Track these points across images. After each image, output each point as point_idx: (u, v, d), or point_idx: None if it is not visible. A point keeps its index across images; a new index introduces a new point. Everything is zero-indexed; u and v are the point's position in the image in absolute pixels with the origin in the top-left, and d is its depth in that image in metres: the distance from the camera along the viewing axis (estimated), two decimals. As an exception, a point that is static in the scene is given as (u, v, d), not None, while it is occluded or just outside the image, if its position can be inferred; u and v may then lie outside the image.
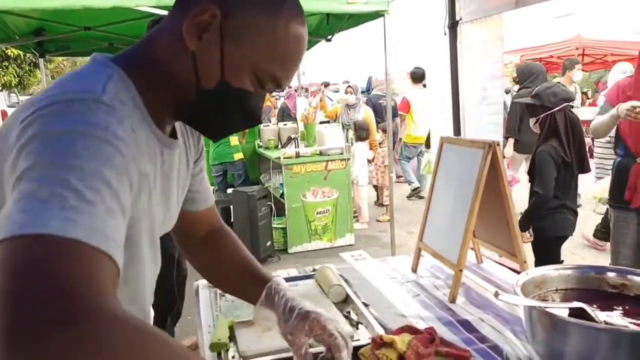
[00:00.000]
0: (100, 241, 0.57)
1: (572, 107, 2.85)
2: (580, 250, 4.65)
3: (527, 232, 2.83)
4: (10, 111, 15.74)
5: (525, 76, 5.56)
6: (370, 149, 6.45)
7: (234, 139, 5.85)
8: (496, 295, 1.07)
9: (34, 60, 10.72)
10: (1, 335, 0.46)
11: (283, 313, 1.00)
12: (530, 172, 2.91)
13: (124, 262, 0.67)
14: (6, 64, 11.17)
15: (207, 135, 0.92)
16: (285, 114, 9.10)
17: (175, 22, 0.79)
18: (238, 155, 5.88)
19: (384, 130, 6.44)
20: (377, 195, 6.94)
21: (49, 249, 0.53)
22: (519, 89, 5.33)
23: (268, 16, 0.78)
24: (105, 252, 0.57)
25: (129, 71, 0.78)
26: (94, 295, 0.52)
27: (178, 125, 0.95)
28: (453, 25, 3.27)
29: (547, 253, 2.82)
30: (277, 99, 14.50)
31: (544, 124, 2.83)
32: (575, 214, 2.87)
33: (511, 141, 5.06)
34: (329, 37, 5.41)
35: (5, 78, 11.22)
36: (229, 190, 5.79)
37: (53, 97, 0.68)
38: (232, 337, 1.35)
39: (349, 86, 7.14)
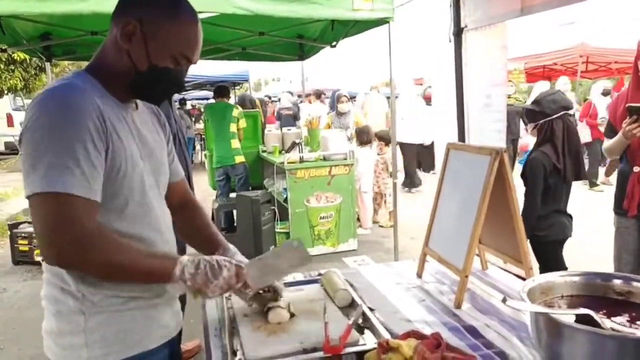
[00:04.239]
0: (80, 191, 1.09)
1: (570, 115, 2.86)
2: (583, 258, 4.64)
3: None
4: (15, 114, 15.78)
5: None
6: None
7: (234, 142, 5.78)
8: (504, 300, 1.08)
9: (39, 64, 10.76)
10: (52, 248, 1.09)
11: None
12: (523, 176, 2.93)
13: (119, 182, 1.20)
14: (12, 67, 11.21)
15: (149, 101, 1.35)
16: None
17: (113, 34, 1.22)
18: (239, 159, 5.81)
19: (380, 138, 6.49)
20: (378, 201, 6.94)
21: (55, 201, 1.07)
22: None
23: (172, 19, 1.21)
24: (77, 195, 1.08)
25: (93, 72, 1.24)
26: (85, 222, 1.09)
27: (149, 114, 1.41)
28: (458, 32, 3.29)
29: (550, 257, 2.83)
30: (274, 102, 14.58)
31: (541, 130, 2.84)
32: (570, 217, 2.89)
33: None
34: (334, 43, 5.43)
35: (11, 81, 11.25)
36: (233, 195, 5.79)
37: (49, 86, 1.19)
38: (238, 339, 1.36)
39: (344, 95, 7.23)
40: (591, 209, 6.23)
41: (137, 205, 1.25)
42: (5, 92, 12.13)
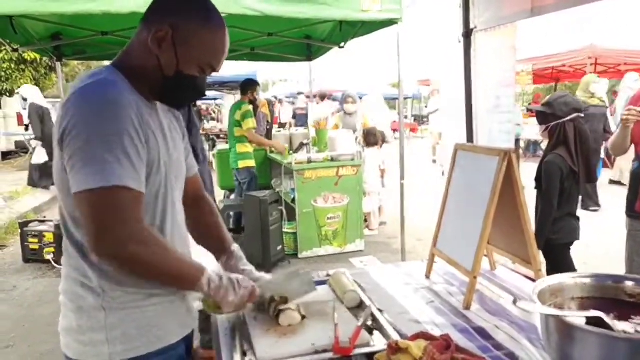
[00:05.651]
0: (132, 183, 1.12)
1: (582, 117, 2.84)
2: (592, 260, 4.62)
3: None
4: (25, 114, 15.87)
5: None
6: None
7: (240, 147, 5.69)
8: (515, 302, 1.07)
9: (49, 64, 10.88)
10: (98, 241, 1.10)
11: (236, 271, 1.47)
12: (538, 180, 2.91)
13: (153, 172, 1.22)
14: (23, 67, 11.35)
15: (171, 105, 1.37)
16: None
17: (143, 36, 1.23)
18: (242, 163, 5.70)
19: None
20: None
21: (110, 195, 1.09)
22: None
23: (202, 28, 1.23)
24: (131, 188, 1.11)
25: (120, 69, 1.24)
26: (139, 219, 1.13)
27: (165, 114, 1.37)
28: (467, 33, 3.28)
29: (559, 260, 2.81)
30: (278, 102, 14.66)
31: (553, 132, 2.83)
32: (578, 219, 2.89)
33: None
34: (342, 44, 5.42)
35: (21, 81, 11.39)
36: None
37: (82, 83, 1.17)
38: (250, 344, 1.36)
39: (351, 96, 7.23)
40: (603, 210, 6.19)
41: (162, 201, 1.27)
42: (16, 91, 12.26)
